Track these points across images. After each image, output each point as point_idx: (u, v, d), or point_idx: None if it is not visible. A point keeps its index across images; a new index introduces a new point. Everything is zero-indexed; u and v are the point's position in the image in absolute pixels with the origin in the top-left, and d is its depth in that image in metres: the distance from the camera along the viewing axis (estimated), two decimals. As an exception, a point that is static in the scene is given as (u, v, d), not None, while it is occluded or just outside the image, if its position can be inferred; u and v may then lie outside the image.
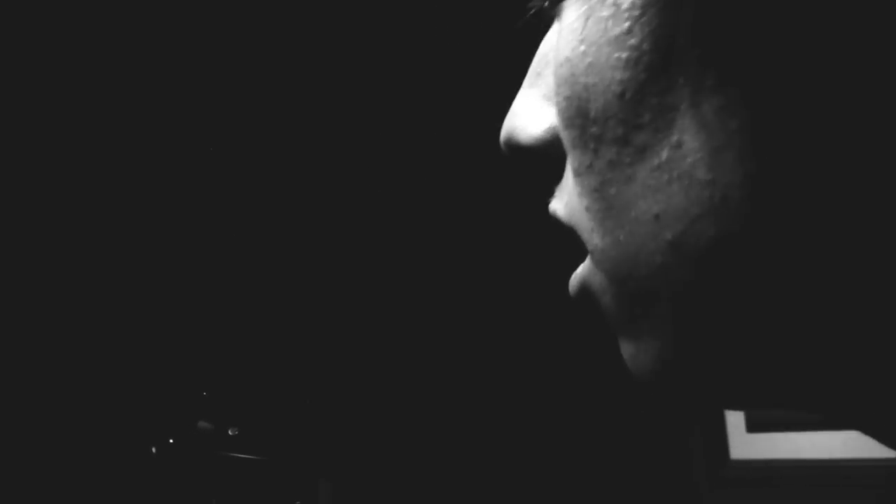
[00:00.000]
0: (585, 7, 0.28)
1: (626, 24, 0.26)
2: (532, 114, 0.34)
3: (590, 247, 0.30)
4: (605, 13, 0.27)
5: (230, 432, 1.34)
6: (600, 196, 0.28)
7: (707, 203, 0.25)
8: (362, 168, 1.90)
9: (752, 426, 1.92)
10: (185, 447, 1.40)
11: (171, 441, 1.40)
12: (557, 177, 0.33)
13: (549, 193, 0.34)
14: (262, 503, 1.31)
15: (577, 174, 0.30)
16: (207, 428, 1.40)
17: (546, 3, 0.32)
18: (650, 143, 0.26)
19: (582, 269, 0.32)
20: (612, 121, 0.27)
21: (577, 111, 0.28)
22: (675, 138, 0.25)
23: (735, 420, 1.94)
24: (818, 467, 1.77)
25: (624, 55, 0.26)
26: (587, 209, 0.29)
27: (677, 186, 0.25)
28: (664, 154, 0.26)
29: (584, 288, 0.32)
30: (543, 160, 0.34)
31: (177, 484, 1.38)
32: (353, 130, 1.92)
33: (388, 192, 1.82)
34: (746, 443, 1.93)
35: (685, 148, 0.25)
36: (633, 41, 0.26)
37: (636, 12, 0.26)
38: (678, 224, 0.26)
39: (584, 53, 0.27)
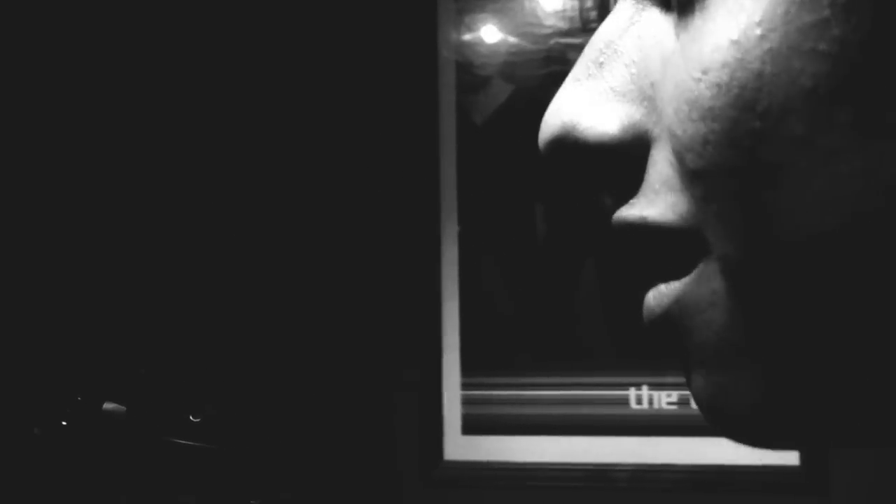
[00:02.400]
0: None
1: (826, 13, 0.22)
2: (602, 109, 0.30)
3: (718, 253, 0.26)
4: None
5: (191, 418, 1.00)
6: (743, 203, 0.25)
7: None
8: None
9: (468, 429, 2.03)
10: (82, 431, 0.99)
11: (62, 423, 0.98)
12: (631, 179, 0.30)
13: (615, 199, 0.30)
14: (207, 499, 1.01)
15: (705, 176, 0.25)
16: (117, 410, 1.01)
17: None
18: (841, 147, 0.23)
19: (681, 285, 0.28)
20: (792, 117, 0.23)
21: (737, 100, 0.24)
22: (877, 144, 0.22)
23: (452, 422, 2.03)
24: (529, 470, 1.96)
25: (822, 47, 0.22)
26: (717, 215, 0.26)
27: (873, 196, 0.22)
28: (858, 160, 0.22)
29: (681, 306, 0.28)
30: (617, 161, 0.30)
31: (68, 474, 0.97)
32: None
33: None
34: (461, 444, 2.03)
35: (891, 153, 0.22)
36: (835, 32, 0.22)
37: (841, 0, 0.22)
38: (868, 239, 0.23)
39: (763, 38, 0.23)
